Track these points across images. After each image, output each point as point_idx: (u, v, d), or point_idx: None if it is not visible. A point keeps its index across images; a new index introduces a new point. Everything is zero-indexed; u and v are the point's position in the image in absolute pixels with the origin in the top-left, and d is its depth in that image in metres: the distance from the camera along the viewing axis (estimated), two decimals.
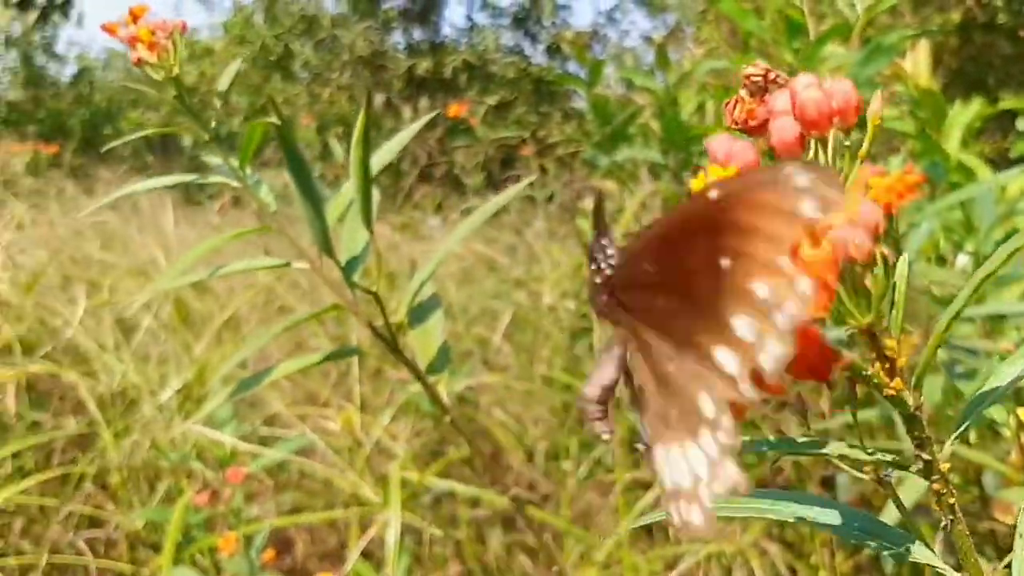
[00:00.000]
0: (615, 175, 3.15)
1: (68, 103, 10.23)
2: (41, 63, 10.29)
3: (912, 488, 1.41)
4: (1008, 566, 0.42)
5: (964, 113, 2.38)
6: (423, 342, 0.99)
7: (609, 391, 0.45)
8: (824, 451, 0.43)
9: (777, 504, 0.45)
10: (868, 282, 0.42)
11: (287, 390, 2.89)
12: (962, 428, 0.45)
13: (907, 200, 1.41)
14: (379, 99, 7.97)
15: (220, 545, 1.88)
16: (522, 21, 9.01)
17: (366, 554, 2.11)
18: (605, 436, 0.45)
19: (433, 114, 1.02)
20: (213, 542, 1.94)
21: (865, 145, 0.44)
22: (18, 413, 2.50)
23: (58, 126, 9.60)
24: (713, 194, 0.40)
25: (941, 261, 1.84)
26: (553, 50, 8.81)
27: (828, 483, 2.20)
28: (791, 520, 0.45)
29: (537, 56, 9.10)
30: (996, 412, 1.18)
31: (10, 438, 2.42)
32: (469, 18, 9.45)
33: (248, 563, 1.87)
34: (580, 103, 7.07)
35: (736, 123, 0.47)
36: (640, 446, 0.43)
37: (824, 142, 0.45)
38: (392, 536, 1.82)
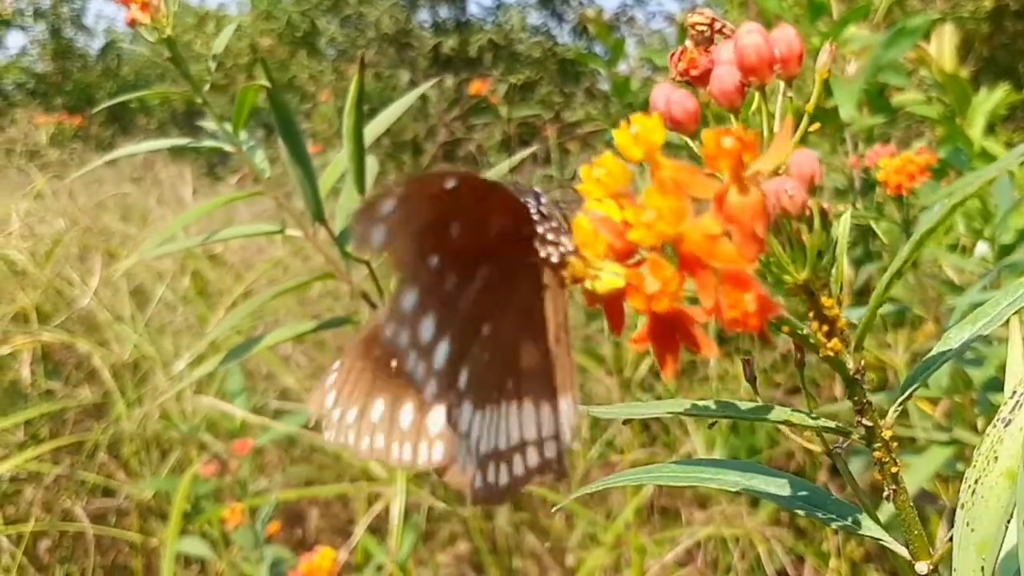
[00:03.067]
0: None
1: (96, 76, 10.27)
2: (70, 35, 10.33)
3: (917, 472, 1.40)
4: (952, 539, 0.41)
5: (989, 100, 2.34)
6: None
7: None
8: (767, 417, 0.41)
9: (720, 473, 0.44)
10: (809, 237, 0.40)
11: (303, 365, 2.90)
12: (907, 395, 0.43)
13: (918, 181, 1.37)
14: (404, 77, 7.95)
15: (226, 516, 1.88)
16: (548, 1, 8.96)
17: (375, 530, 2.11)
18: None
19: (432, 82, 1.01)
20: (222, 513, 1.94)
21: (813, 98, 0.42)
22: (34, 381, 2.52)
23: (85, 98, 9.65)
24: None
25: (953, 247, 1.81)
26: (579, 30, 8.75)
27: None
28: (734, 490, 0.43)
29: (563, 36, 9.06)
30: (1001, 398, 1.15)
31: (26, 406, 2.44)
32: None
33: (253, 535, 1.87)
34: (605, 84, 7.04)
35: (680, 73, 0.45)
36: None
37: (764, 91, 0.43)
38: (396, 511, 1.82)
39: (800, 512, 0.43)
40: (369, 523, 2.08)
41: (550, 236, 0.46)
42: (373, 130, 0.93)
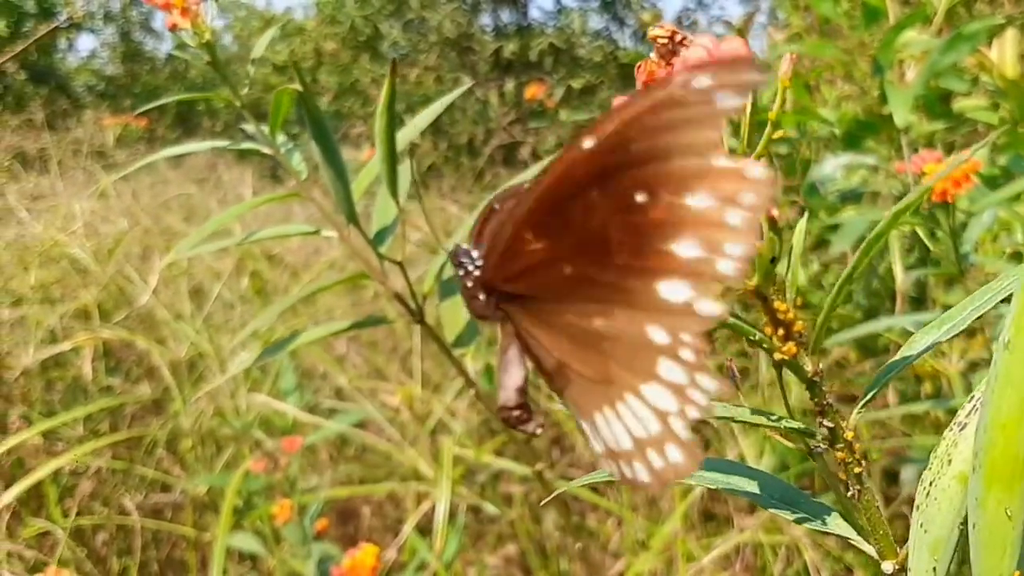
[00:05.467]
0: None
1: (164, 79, 10.47)
2: (139, 39, 10.54)
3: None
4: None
5: None
6: (451, 315, 0.99)
7: (523, 390, 0.43)
8: (732, 418, 0.42)
9: (703, 472, 0.45)
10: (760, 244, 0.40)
11: (359, 365, 2.93)
12: (869, 396, 0.44)
13: (964, 188, 1.36)
14: (465, 81, 7.99)
15: (275, 512, 1.91)
16: (610, 5, 8.95)
17: (426, 530, 2.13)
18: (538, 431, 0.43)
19: (467, 86, 1.02)
20: (272, 509, 1.98)
21: (775, 107, 0.42)
22: (94, 378, 2.58)
23: (153, 101, 9.81)
24: (588, 143, 0.36)
25: (1002, 254, 1.78)
26: (641, 34, 8.73)
27: (893, 477, 2.17)
28: (712, 487, 0.44)
29: (625, 40, 9.05)
30: None
31: (87, 402, 2.49)
32: (557, 1, 9.42)
33: (302, 531, 1.90)
34: None
35: (642, 85, 0.46)
36: (581, 425, 0.40)
37: None
38: (441, 511, 1.84)
39: (774, 510, 0.43)
40: (421, 523, 2.10)
41: None
42: (407, 134, 0.95)
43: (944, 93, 2.38)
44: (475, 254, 0.44)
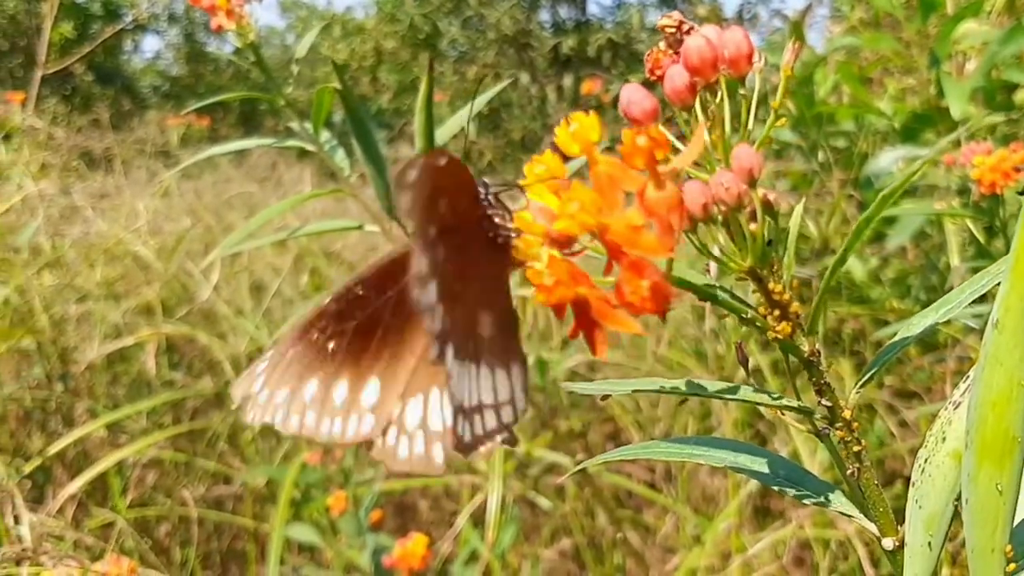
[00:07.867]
0: None
1: (227, 79, 10.62)
2: (202, 40, 10.70)
3: None
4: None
5: None
6: None
7: None
8: (732, 397, 0.43)
9: (710, 451, 0.46)
10: (754, 227, 0.41)
11: None
12: (868, 376, 0.44)
13: (1014, 179, 1.34)
14: (524, 78, 8.01)
15: (331, 504, 1.94)
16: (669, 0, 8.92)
17: (481, 522, 2.15)
18: None
19: (503, 85, 1.03)
20: (328, 501, 2.01)
21: (779, 95, 0.43)
22: (157, 372, 2.63)
23: (217, 101, 9.95)
24: None
25: None
26: None
27: None
28: (722, 466, 0.45)
29: None
30: None
31: (150, 395, 2.55)
32: None
33: (356, 522, 1.93)
34: None
35: (649, 73, 0.47)
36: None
37: (712, 89, 0.44)
38: (493, 504, 1.86)
39: (778, 488, 0.44)
40: (477, 516, 2.12)
41: (496, 219, 0.50)
42: (448, 129, 0.96)
43: (1007, 85, 2.34)
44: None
